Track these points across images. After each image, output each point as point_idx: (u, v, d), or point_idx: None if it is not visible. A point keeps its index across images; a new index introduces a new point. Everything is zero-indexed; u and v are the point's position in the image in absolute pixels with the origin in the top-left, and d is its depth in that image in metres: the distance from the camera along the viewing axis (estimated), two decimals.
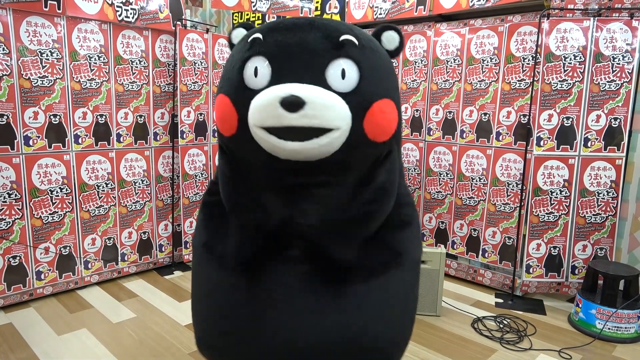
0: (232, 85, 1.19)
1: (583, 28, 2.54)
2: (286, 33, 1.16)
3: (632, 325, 2.33)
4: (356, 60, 1.15)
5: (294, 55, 1.13)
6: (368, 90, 1.16)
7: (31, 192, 2.55)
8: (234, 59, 1.23)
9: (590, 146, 2.61)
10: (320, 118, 1.08)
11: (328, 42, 1.14)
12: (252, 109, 1.12)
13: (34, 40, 2.48)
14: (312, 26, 1.16)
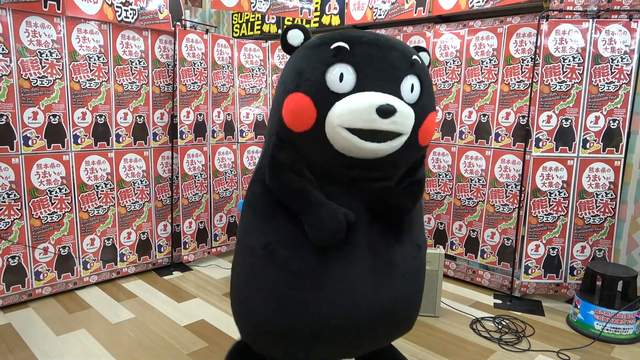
0: (312, 85, 1.31)
1: (582, 30, 2.54)
2: (371, 48, 1.34)
3: (630, 326, 2.34)
4: (420, 77, 1.38)
5: (378, 68, 1.32)
6: (426, 103, 1.40)
7: (30, 192, 2.55)
8: (311, 61, 1.36)
9: (589, 147, 2.62)
10: (403, 125, 1.30)
11: (405, 60, 1.36)
12: (341, 111, 1.28)
13: (34, 41, 2.48)
14: (391, 46, 1.37)
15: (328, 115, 1.29)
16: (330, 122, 1.29)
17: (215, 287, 2.93)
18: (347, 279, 1.41)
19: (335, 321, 1.41)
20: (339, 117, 1.28)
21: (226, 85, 3.36)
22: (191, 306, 2.64)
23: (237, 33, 4.52)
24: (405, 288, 1.51)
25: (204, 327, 2.39)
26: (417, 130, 1.36)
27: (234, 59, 3.41)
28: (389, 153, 1.35)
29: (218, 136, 3.36)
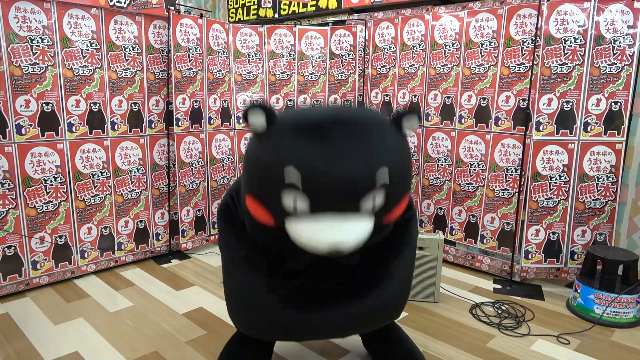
0: (268, 200, 1.31)
1: (583, 10, 2.49)
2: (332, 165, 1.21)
3: (631, 310, 2.33)
4: (386, 187, 1.28)
5: (331, 193, 1.23)
6: (392, 201, 1.34)
7: (25, 181, 2.52)
8: (271, 174, 1.27)
9: (590, 130, 2.58)
10: (356, 248, 1.28)
11: (365, 176, 1.24)
12: (297, 238, 1.28)
13: (24, 27, 2.43)
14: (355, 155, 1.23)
15: (286, 227, 1.32)
16: (290, 234, 1.32)
17: (213, 274, 2.92)
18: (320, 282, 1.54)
19: (312, 319, 1.52)
20: (296, 239, 1.29)
21: (222, 71, 3.31)
22: (190, 294, 2.63)
23: (233, 18, 4.45)
24: (374, 302, 1.57)
25: (202, 315, 2.38)
26: (380, 221, 1.36)
27: (230, 44, 3.35)
28: None
29: (214, 123, 3.32)
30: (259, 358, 1.81)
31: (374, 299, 1.56)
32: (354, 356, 2.02)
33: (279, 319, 1.52)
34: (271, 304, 1.52)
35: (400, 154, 1.34)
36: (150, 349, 2.06)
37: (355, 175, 1.23)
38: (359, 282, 1.59)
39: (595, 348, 2.13)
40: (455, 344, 2.14)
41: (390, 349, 1.87)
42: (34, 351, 2.02)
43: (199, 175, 3.26)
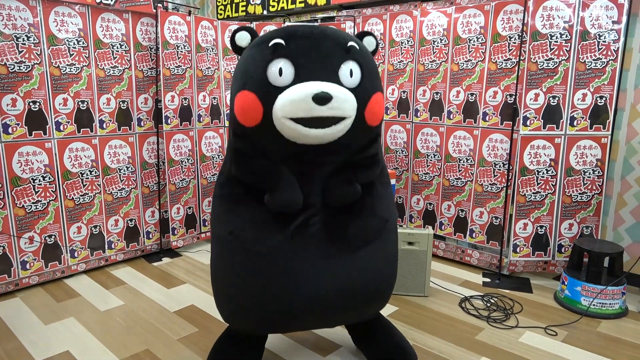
0: (256, 82, 1.42)
1: (569, 6, 2.52)
2: (305, 40, 1.42)
3: (617, 301, 2.37)
4: (359, 62, 1.47)
5: (313, 58, 1.41)
6: (368, 85, 1.48)
7: (12, 181, 2.50)
8: (254, 59, 1.45)
9: (576, 125, 2.62)
10: (342, 109, 1.39)
11: (339, 48, 1.44)
12: (283, 103, 1.37)
13: (9, 24, 2.41)
14: (325, 36, 1.45)
15: (273, 108, 1.40)
16: (276, 114, 1.40)
17: (204, 272, 2.92)
18: (306, 260, 1.51)
19: (299, 300, 1.51)
20: (281, 109, 1.38)
21: (211, 68, 3.30)
22: (181, 292, 2.63)
23: (222, 14, 4.44)
24: (365, 263, 1.58)
25: (193, 313, 2.39)
26: (362, 111, 1.45)
27: (219, 41, 3.34)
28: (339, 136, 1.44)
29: (204, 120, 3.31)
30: (249, 354, 1.81)
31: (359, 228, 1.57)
32: (345, 351, 2.04)
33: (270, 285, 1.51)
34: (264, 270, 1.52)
35: (364, 48, 1.55)
36: (141, 347, 2.06)
37: (329, 42, 1.43)
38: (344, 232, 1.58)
39: (582, 339, 2.17)
40: (444, 337, 2.16)
41: (379, 342, 1.89)
42: (25, 351, 2.01)
43: (189, 173, 3.25)
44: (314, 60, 1.41)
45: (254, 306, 1.55)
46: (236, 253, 1.54)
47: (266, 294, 1.52)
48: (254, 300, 1.54)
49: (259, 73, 1.42)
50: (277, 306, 1.53)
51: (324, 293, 1.52)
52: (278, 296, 1.51)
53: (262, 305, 1.53)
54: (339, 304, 1.58)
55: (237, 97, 1.46)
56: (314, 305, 1.54)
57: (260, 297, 1.53)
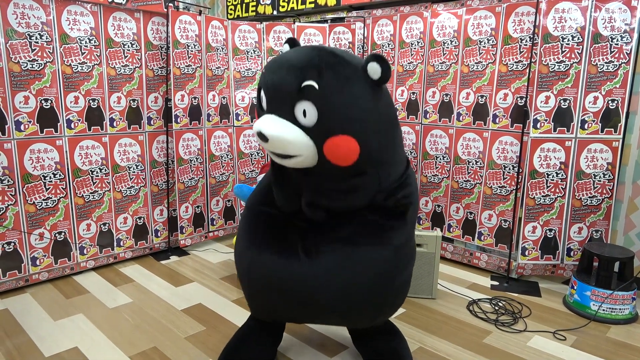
0: (259, 108, 1.58)
1: (581, 8, 2.50)
2: (272, 73, 1.46)
3: (627, 306, 2.35)
4: (315, 103, 1.40)
5: (273, 93, 1.47)
6: (325, 127, 1.42)
7: (24, 177, 2.53)
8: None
9: (587, 128, 2.59)
10: (282, 149, 1.45)
11: (295, 86, 1.40)
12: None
13: (22, 23, 2.43)
14: (290, 68, 1.42)
15: None
16: None
17: (212, 271, 2.93)
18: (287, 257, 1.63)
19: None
20: None
21: (221, 68, 3.32)
22: (188, 290, 2.64)
23: (232, 14, 4.45)
24: (338, 281, 1.58)
25: (201, 311, 2.39)
26: (321, 150, 1.45)
27: (229, 40, 3.35)
28: (314, 165, 1.50)
29: (213, 120, 3.33)
30: (266, 342, 1.89)
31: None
32: (352, 352, 2.04)
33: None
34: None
35: (332, 87, 1.41)
36: (149, 345, 2.07)
37: (290, 78, 1.41)
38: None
39: (591, 344, 2.15)
40: (452, 340, 2.15)
41: (376, 344, 1.88)
42: (34, 347, 2.03)
43: (197, 172, 3.26)
44: (273, 95, 1.47)
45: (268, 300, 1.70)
46: (269, 257, 1.66)
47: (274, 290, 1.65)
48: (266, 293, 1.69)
49: (258, 97, 1.59)
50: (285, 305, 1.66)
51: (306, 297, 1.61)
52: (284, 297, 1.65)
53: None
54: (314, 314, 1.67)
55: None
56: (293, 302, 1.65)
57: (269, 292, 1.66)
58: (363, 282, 1.58)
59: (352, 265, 1.57)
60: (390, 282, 1.63)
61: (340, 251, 1.57)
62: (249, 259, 1.67)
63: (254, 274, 1.67)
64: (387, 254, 1.60)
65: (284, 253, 1.62)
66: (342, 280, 1.57)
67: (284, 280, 1.60)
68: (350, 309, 1.62)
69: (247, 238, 1.72)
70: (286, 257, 1.60)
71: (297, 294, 1.60)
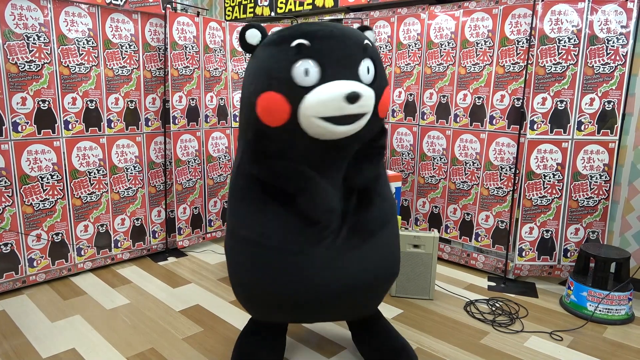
0: (282, 83, 1.44)
1: (577, 10, 2.51)
2: (328, 40, 1.47)
3: (623, 307, 2.36)
4: (373, 59, 1.54)
5: (337, 57, 1.46)
6: (380, 80, 1.56)
7: (21, 179, 2.52)
8: (277, 59, 1.47)
9: (584, 129, 2.61)
10: (367, 106, 1.48)
11: (358, 46, 1.50)
12: (313, 103, 1.42)
13: (20, 24, 2.43)
14: (345, 35, 1.50)
15: (300, 107, 1.43)
16: (304, 113, 1.43)
17: (210, 272, 2.93)
18: (336, 256, 1.59)
19: (331, 291, 1.59)
20: (311, 108, 1.42)
21: (219, 69, 3.32)
22: (186, 291, 2.64)
23: (230, 16, 4.46)
24: (385, 246, 1.70)
25: (199, 312, 2.39)
26: (376, 105, 1.54)
27: (226, 42, 3.36)
28: (351, 135, 1.52)
29: (211, 121, 3.33)
30: (272, 344, 1.88)
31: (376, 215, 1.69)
32: (349, 353, 2.04)
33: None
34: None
35: (374, 44, 1.63)
36: (146, 346, 2.07)
37: (350, 42, 1.49)
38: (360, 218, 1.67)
39: (588, 345, 2.16)
40: (449, 341, 2.16)
41: (382, 342, 1.90)
42: (31, 348, 2.03)
43: (195, 173, 3.26)
44: (337, 60, 1.45)
45: (286, 299, 1.60)
46: (267, 253, 1.58)
47: (299, 289, 1.57)
48: (286, 294, 1.59)
49: (284, 73, 1.44)
50: (309, 299, 1.59)
51: (355, 282, 1.61)
52: (311, 289, 1.57)
53: (293, 299, 1.59)
54: (367, 290, 1.67)
55: (260, 97, 1.47)
56: (345, 295, 1.62)
57: (292, 291, 1.58)
58: (398, 246, 1.81)
59: (391, 240, 1.74)
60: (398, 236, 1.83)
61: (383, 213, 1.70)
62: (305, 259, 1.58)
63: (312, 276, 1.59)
64: (396, 210, 1.81)
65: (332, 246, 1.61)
66: (395, 249, 1.75)
67: (363, 269, 1.63)
68: (393, 278, 1.78)
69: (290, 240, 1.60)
70: (353, 248, 1.62)
71: (353, 280, 1.62)
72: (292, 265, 1.57)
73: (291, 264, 1.57)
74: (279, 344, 1.93)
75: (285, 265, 1.57)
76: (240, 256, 1.66)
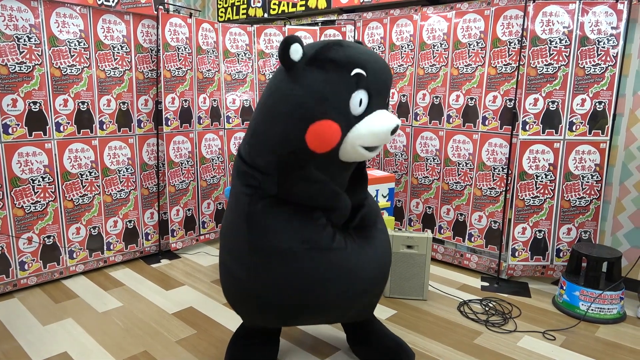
0: (340, 112, 1.46)
1: (568, 11, 2.53)
2: (379, 73, 1.50)
3: (615, 306, 2.37)
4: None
5: (378, 89, 1.52)
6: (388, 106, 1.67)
7: (12, 181, 2.50)
8: (336, 87, 1.45)
9: (575, 130, 2.62)
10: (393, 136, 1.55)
11: (391, 78, 1.59)
12: (364, 134, 1.48)
13: (10, 25, 2.41)
14: (386, 67, 1.56)
15: (348, 135, 1.48)
16: (351, 141, 1.49)
17: (203, 274, 2.92)
18: (359, 251, 1.66)
19: (356, 289, 1.65)
20: (361, 138, 1.48)
21: (211, 71, 3.31)
22: (179, 294, 2.63)
23: (223, 17, 4.45)
24: (385, 241, 1.79)
25: (192, 315, 2.38)
26: None
27: (219, 43, 3.35)
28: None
29: (204, 122, 3.32)
30: (266, 348, 1.90)
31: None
32: (343, 355, 2.04)
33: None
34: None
35: None
36: (139, 349, 2.06)
37: (388, 75, 1.57)
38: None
39: (580, 344, 2.17)
40: (443, 341, 2.16)
41: (379, 342, 1.91)
42: (23, 352, 2.01)
43: (188, 174, 3.25)
44: (379, 91, 1.52)
45: (319, 303, 1.63)
46: (310, 259, 1.57)
47: (333, 290, 1.61)
48: (322, 298, 1.62)
49: (343, 103, 1.46)
50: (337, 298, 1.63)
51: (373, 277, 1.69)
52: (342, 289, 1.62)
53: (324, 302, 1.63)
54: (377, 285, 1.73)
55: (315, 124, 1.45)
56: (364, 291, 1.68)
57: (327, 294, 1.61)
58: (390, 249, 1.86)
59: (385, 236, 1.81)
60: None
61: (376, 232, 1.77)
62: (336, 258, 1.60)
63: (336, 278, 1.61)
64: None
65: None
66: (388, 258, 1.80)
67: (378, 261, 1.71)
68: (381, 287, 1.82)
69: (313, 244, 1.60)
70: (367, 243, 1.70)
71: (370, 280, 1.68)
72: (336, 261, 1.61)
73: (337, 261, 1.61)
74: (273, 347, 1.93)
75: (333, 263, 1.61)
76: (273, 270, 1.59)
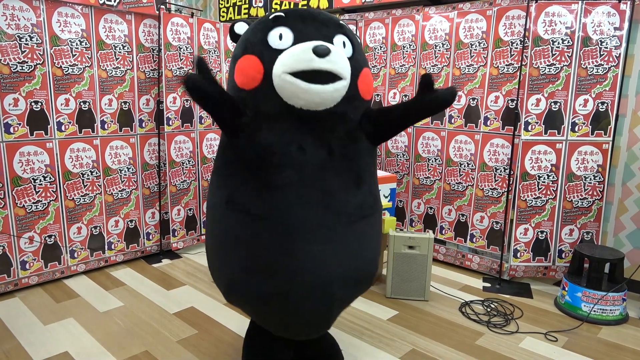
0: (256, 46, 1.48)
1: (571, 11, 2.52)
2: (303, 12, 1.52)
3: (617, 307, 2.37)
4: (349, 38, 1.56)
5: (310, 26, 1.49)
6: (359, 59, 1.55)
7: (13, 180, 2.50)
8: (254, 30, 1.53)
9: (578, 131, 2.62)
10: (339, 65, 1.42)
11: (332, 21, 1.55)
12: (284, 58, 1.41)
13: (12, 25, 2.41)
14: (320, 11, 1.56)
15: (273, 68, 1.44)
16: (276, 72, 1.43)
17: (204, 274, 2.91)
18: (306, 225, 1.48)
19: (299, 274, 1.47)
20: (282, 64, 1.42)
21: (213, 70, 3.30)
22: (180, 294, 2.63)
23: (224, 17, 4.45)
24: (362, 238, 1.58)
25: (193, 315, 2.38)
26: (355, 80, 1.50)
27: (221, 43, 3.35)
28: (336, 103, 1.46)
29: (206, 122, 3.31)
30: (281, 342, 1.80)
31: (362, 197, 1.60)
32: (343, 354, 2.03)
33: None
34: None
35: (355, 35, 1.65)
36: (141, 349, 2.05)
37: (324, 16, 1.54)
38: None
39: (582, 345, 2.16)
40: (445, 342, 2.16)
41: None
42: (24, 352, 2.01)
43: (189, 174, 3.25)
44: (311, 28, 1.48)
45: (252, 276, 1.51)
46: (232, 218, 1.51)
47: (260, 259, 1.48)
48: (249, 264, 1.50)
49: (259, 38, 1.49)
50: (274, 280, 1.48)
51: (327, 268, 1.49)
52: (276, 271, 1.47)
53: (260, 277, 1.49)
54: (338, 283, 1.52)
55: (237, 62, 1.52)
56: (314, 283, 1.48)
57: (258, 268, 1.49)
58: (379, 244, 1.73)
59: (375, 227, 1.68)
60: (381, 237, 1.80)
61: (367, 206, 1.63)
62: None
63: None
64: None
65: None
66: (375, 246, 1.68)
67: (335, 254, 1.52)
68: (370, 279, 1.69)
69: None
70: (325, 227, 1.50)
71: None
72: (258, 230, 1.49)
73: (257, 228, 1.49)
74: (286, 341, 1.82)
75: (250, 230, 1.50)
76: (210, 227, 1.62)
